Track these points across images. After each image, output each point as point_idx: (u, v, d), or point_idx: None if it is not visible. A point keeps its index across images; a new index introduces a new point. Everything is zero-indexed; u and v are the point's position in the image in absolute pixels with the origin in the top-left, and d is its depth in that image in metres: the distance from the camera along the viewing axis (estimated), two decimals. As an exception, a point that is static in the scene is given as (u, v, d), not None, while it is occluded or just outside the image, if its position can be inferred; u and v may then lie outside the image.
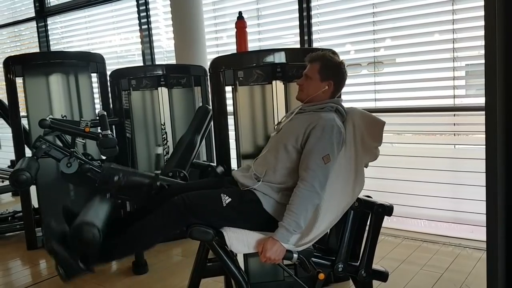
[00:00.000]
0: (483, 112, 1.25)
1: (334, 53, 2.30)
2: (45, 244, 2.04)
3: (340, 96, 2.29)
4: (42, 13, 6.09)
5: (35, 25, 6.18)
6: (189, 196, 2.03)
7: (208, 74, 2.67)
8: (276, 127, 2.30)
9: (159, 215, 2.01)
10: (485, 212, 1.29)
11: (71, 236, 1.91)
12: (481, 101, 1.27)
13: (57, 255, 1.89)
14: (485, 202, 1.28)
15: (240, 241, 1.96)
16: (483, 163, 1.27)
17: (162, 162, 3.60)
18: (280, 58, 2.56)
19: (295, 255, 1.96)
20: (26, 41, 6.65)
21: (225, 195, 2.04)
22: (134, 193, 2.27)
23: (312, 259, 2.04)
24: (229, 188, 2.18)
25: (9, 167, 4.97)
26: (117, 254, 2.14)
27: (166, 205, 2.01)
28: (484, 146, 1.27)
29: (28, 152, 3.49)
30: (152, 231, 2.04)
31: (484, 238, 1.31)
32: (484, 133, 1.26)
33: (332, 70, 2.18)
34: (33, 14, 6.20)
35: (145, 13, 5.09)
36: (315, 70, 2.18)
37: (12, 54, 3.71)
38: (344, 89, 2.28)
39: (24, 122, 3.68)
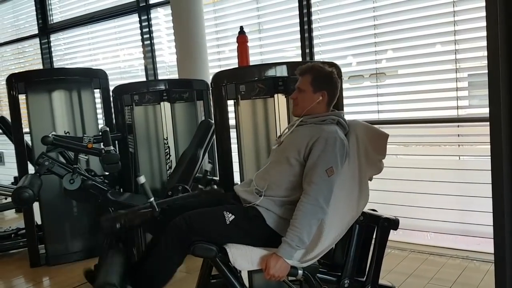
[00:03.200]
0: (487, 123, 1.24)
1: (323, 63, 2.30)
2: None
3: (342, 108, 2.28)
4: (45, 30, 6.15)
5: (39, 42, 6.22)
6: (190, 216, 2.01)
7: (210, 88, 2.67)
8: (277, 139, 2.29)
9: (164, 246, 2.00)
10: (492, 224, 1.27)
11: None
12: (485, 111, 1.26)
13: None
14: (491, 213, 1.26)
15: (244, 257, 1.94)
16: (489, 174, 1.25)
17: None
18: (282, 71, 2.55)
19: (300, 271, 1.93)
20: (29, 58, 6.70)
21: (228, 213, 2.02)
22: (141, 228, 2.32)
23: (318, 275, 2.01)
24: (231, 204, 2.16)
25: (12, 183, 4.96)
26: None
27: (169, 231, 2.00)
28: (489, 157, 1.25)
29: (31, 169, 3.48)
30: (164, 264, 2.03)
31: (492, 250, 1.29)
32: (489, 144, 1.24)
33: (324, 80, 2.18)
34: (36, 31, 6.24)
35: (147, 29, 5.12)
36: (307, 82, 2.17)
37: (16, 71, 3.73)
38: (347, 101, 2.28)
39: (27, 138, 3.68)
